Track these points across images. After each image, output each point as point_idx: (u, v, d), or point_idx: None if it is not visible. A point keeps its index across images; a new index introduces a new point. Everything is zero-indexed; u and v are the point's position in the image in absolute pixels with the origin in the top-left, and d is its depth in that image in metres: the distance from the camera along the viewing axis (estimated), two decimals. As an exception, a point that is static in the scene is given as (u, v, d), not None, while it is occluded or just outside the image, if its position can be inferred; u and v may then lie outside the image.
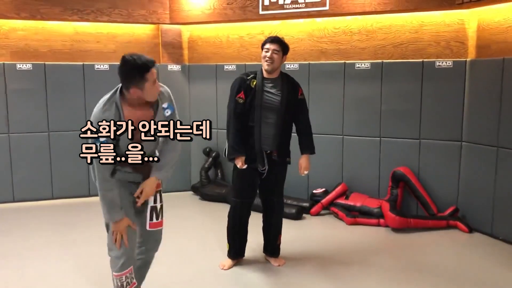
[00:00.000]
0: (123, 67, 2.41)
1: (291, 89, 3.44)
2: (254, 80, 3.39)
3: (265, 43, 3.39)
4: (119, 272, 2.61)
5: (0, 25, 5.18)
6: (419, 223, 4.40)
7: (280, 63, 3.38)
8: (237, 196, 3.54)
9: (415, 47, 4.74)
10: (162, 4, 5.51)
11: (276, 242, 3.66)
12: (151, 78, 2.39)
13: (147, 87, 2.40)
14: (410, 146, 4.76)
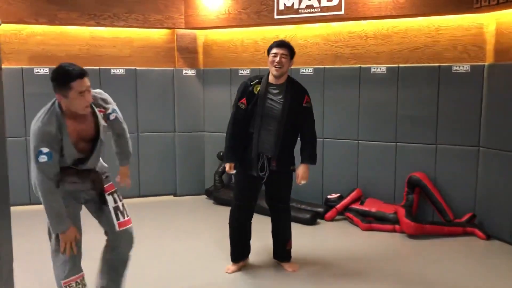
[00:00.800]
0: (53, 73, 2.42)
1: (295, 97, 3.34)
2: (257, 86, 3.34)
3: (272, 47, 3.33)
4: (68, 278, 2.58)
5: (19, 30, 5.27)
6: (435, 230, 4.33)
7: (288, 68, 3.33)
8: (236, 198, 3.54)
9: (432, 51, 4.68)
10: (178, 9, 5.54)
11: (285, 248, 3.62)
12: (77, 88, 2.37)
13: (71, 96, 2.38)
14: (426, 151, 4.70)
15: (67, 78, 2.37)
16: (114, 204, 2.69)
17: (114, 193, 2.74)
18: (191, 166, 5.91)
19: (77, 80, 2.38)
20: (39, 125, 2.43)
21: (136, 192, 5.78)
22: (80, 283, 2.62)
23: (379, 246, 4.16)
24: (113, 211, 2.68)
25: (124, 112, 5.40)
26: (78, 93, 2.38)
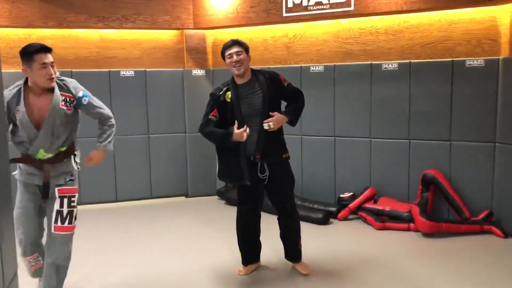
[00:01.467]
0: (22, 49, 2.74)
1: (271, 84, 3.25)
2: (228, 93, 3.22)
3: (224, 49, 3.24)
4: (23, 256, 2.97)
5: (29, 34, 5.29)
6: (451, 228, 4.24)
7: (248, 63, 3.24)
8: (239, 203, 3.48)
9: (444, 46, 4.59)
10: (186, 10, 5.52)
11: (296, 247, 3.53)
12: (39, 60, 2.67)
13: (34, 67, 2.69)
14: (440, 148, 4.61)
15: (31, 51, 2.69)
16: (58, 208, 2.81)
17: (65, 198, 2.84)
18: (202, 166, 5.88)
19: (40, 53, 2.69)
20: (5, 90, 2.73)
21: (147, 194, 5.77)
22: (34, 261, 3.01)
23: (394, 245, 4.09)
24: (55, 213, 2.81)
25: (134, 114, 5.58)
26: (40, 65, 2.68)
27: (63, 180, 2.86)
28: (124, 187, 5.64)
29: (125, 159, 5.61)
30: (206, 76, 5.79)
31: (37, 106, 2.75)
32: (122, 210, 5.37)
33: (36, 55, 2.68)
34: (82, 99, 2.88)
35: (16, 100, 2.73)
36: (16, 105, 2.73)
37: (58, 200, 2.81)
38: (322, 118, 5.16)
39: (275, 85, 3.27)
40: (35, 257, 3.00)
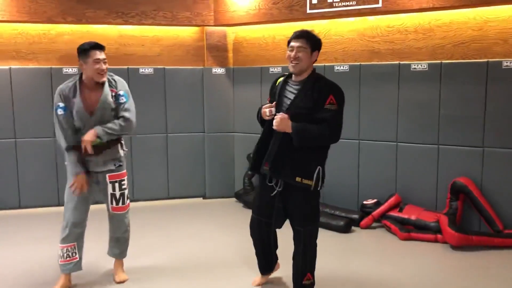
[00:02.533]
0: (79, 46, 3.12)
1: (312, 95, 2.76)
2: (281, 78, 2.96)
3: (290, 41, 2.84)
4: (61, 244, 3.21)
5: (48, 30, 5.23)
6: (483, 241, 3.97)
7: (309, 63, 2.81)
8: (253, 211, 3.14)
9: (479, 45, 4.31)
10: (207, 6, 5.37)
11: (301, 281, 2.97)
12: (93, 56, 3.05)
13: (89, 62, 3.06)
14: (472, 154, 4.33)
15: (87, 48, 3.07)
16: (112, 191, 3.27)
17: (116, 183, 3.28)
18: (220, 168, 5.73)
19: (94, 50, 3.07)
20: (59, 87, 3.15)
21: (165, 194, 5.66)
22: (70, 251, 3.21)
23: (419, 257, 3.84)
24: (109, 196, 3.28)
25: (152, 112, 5.46)
26: (94, 60, 3.06)
27: (113, 165, 3.25)
28: (141, 186, 5.53)
29: (142, 158, 5.51)
30: (226, 74, 5.63)
31: (91, 98, 3.12)
32: (138, 210, 5.26)
33: (91, 51, 3.06)
34: (120, 97, 3.21)
35: (73, 92, 3.10)
36: (72, 97, 3.09)
37: (110, 185, 3.24)
38: (346, 120, 4.76)
39: (317, 99, 2.76)
40: (72, 247, 3.21)
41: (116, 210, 3.32)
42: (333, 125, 2.78)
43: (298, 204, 2.89)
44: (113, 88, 3.20)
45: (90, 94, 3.13)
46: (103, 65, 3.10)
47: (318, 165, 2.84)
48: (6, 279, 3.43)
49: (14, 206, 5.23)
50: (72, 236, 3.20)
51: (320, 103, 2.76)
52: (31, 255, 3.90)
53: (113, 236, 3.41)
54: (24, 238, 4.32)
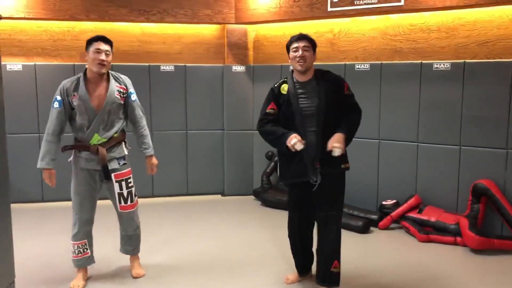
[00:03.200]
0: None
1: (330, 88, 2.97)
2: (284, 85, 3.03)
3: (291, 42, 3.01)
4: (72, 241, 3.25)
5: (72, 27, 5.32)
6: (504, 245, 3.88)
7: (312, 61, 3.00)
8: (290, 210, 3.25)
9: (504, 45, 4.20)
10: (228, 4, 5.38)
11: (329, 268, 3.02)
12: (95, 45, 3.05)
13: (90, 52, 3.06)
14: (495, 156, 4.23)
15: (91, 39, 3.10)
16: (119, 190, 3.24)
17: (122, 181, 3.24)
18: (239, 165, 5.74)
19: (98, 41, 3.07)
20: (63, 81, 3.15)
21: (184, 190, 5.71)
22: (82, 247, 3.26)
23: (438, 260, 3.78)
24: (117, 195, 3.25)
25: (173, 109, 5.52)
26: (95, 50, 3.04)
27: (117, 164, 3.22)
28: (161, 182, 5.59)
29: (162, 154, 5.51)
30: (246, 72, 5.63)
31: (96, 93, 3.10)
32: (157, 205, 5.33)
33: (94, 42, 3.06)
34: (132, 95, 3.26)
35: (74, 87, 3.08)
36: (74, 91, 3.07)
37: (116, 184, 3.22)
38: (366, 119, 4.75)
39: (335, 89, 2.99)
40: (83, 244, 3.26)
41: (125, 209, 3.30)
42: (358, 109, 3.09)
43: (334, 190, 3.04)
44: (121, 85, 3.22)
45: (95, 88, 3.12)
46: (104, 56, 3.05)
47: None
48: (28, 271, 3.52)
49: (38, 199, 5.35)
50: (81, 233, 3.24)
51: (340, 92, 3.01)
52: (53, 247, 3.98)
53: (125, 235, 3.41)
54: (46, 231, 4.42)
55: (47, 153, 3.13)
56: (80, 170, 3.20)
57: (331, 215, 3.02)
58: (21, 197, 5.25)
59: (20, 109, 5.20)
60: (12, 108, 5.24)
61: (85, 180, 3.21)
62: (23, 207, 5.15)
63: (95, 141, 3.14)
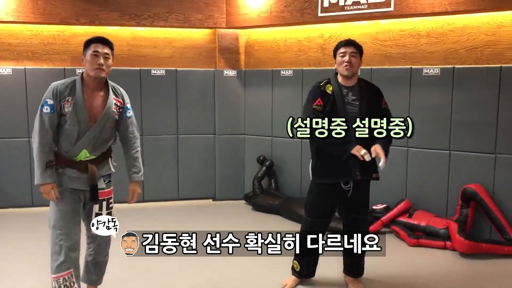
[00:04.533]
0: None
1: (372, 98, 3.08)
2: (329, 85, 3.07)
3: (339, 47, 3.08)
4: (56, 274, 2.68)
5: (62, 31, 5.30)
6: (493, 249, 3.91)
7: (358, 67, 3.08)
8: (310, 214, 3.22)
9: (492, 50, 4.24)
10: (219, 8, 5.39)
11: (361, 262, 3.34)
12: (93, 47, 2.64)
13: (87, 55, 2.66)
14: (483, 161, 4.27)
15: (89, 40, 2.70)
16: (97, 211, 2.79)
17: (104, 201, 2.81)
18: (231, 169, 5.74)
19: (96, 43, 2.66)
20: (54, 83, 2.70)
21: (175, 195, 5.69)
22: (68, 280, 2.69)
23: (428, 264, 3.80)
24: (94, 217, 2.77)
25: (164, 113, 5.51)
26: (93, 52, 2.64)
27: (103, 183, 2.82)
28: (151, 187, 5.56)
29: (153, 159, 5.54)
30: (237, 77, 5.64)
31: (93, 103, 2.71)
32: (148, 210, 5.31)
33: (92, 44, 2.67)
34: (127, 110, 2.87)
35: (69, 90, 2.66)
36: (68, 95, 2.65)
37: (96, 206, 2.78)
38: None
39: (376, 100, 3.10)
40: (69, 276, 2.70)
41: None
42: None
43: (365, 196, 3.25)
44: (118, 99, 2.81)
45: (92, 96, 2.71)
46: (102, 59, 2.64)
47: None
48: (19, 275, 3.48)
49: (27, 204, 5.30)
50: (68, 262, 2.69)
51: (379, 103, 3.12)
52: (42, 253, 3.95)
53: (92, 261, 2.94)
54: (35, 235, 4.38)
55: (46, 167, 2.67)
56: (64, 189, 2.73)
57: (364, 219, 3.27)
58: (10, 201, 5.20)
59: (9, 113, 5.17)
60: (1, 112, 5.22)
61: (71, 199, 2.74)
62: (13, 212, 5.10)
63: (82, 157, 2.71)
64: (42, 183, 2.65)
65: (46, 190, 2.67)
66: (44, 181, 2.64)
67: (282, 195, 5.23)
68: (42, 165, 2.64)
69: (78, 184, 2.74)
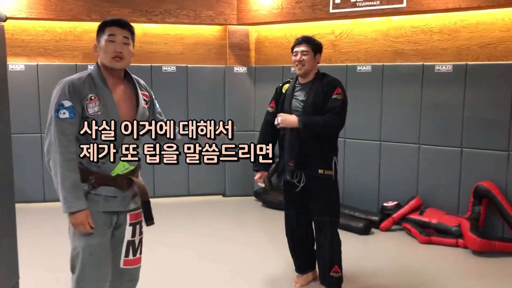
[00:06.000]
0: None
1: (321, 92, 2.99)
2: (286, 85, 3.18)
3: (293, 47, 3.11)
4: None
5: (74, 27, 5.33)
6: (506, 247, 3.88)
7: (312, 65, 3.04)
8: (286, 207, 3.30)
9: (506, 47, 4.20)
10: (230, 5, 5.38)
11: (328, 272, 3.05)
12: (109, 32, 2.08)
13: (101, 41, 2.10)
14: (496, 158, 4.23)
15: (104, 23, 2.13)
16: (130, 237, 2.22)
17: (137, 225, 2.24)
18: (240, 166, 5.72)
19: (112, 25, 2.10)
20: (64, 79, 2.08)
21: (185, 191, 5.71)
22: None
23: (439, 262, 3.78)
24: (125, 245, 2.21)
25: (174, 110, 5.51)
26: (108, 37, 2.08)
27: (134, 203, 2.22)
28: (162, 183, 5.58)
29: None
30: (248, 73, 5.64)
31: (121, 99, 2.15)
32: (159, 206, 5.28)
33: (107, 27, 2.10)
34: (156, 102, 2.37)
35: (90, 87, 2.07)
36: (89, 92, 2.06)
37: (129, 229, 2.20)
38: (368, 121, 4.88)
39: (326, 92, 3.00)
40: None
41: (131, 264, 2.26)
42: (341, 113, 2.98)
43: (321, 196, 3.03)
44: (144, 92, 2.28)
45: (116, 91, 2.14)
46: (120, 45, 2.08)
47: (333, 155, 3.05)
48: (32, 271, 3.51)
49: (39, 199, 5.35)
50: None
51: (328, 95, 2.99)
52: (55, 248, 3.98)
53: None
54: (48, 232, 4.42)
55: (77, 187, 2.03)
56: (96, 215, 2.10)
57: (323, 220, 3.06)
58: (22, 197, 5.24)
59: (22, 109, 5.20)
60: (14, 108, 5.24)
61: (103, 228, 2.13)
62: (25, 207, 5.15)
63: (120, 170, 2.13)
64: (75, 210, 2.01)
65: (81, 219, 2.04)
66: (78, 208, 2.02)
67: (292, 191, 5.23)
68: (71, 187, 2.01)
69: (115, 205, 2.15)
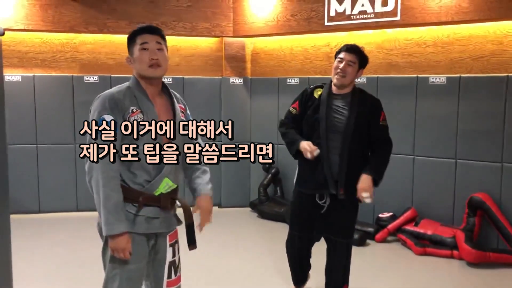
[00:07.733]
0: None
1: (365, 110, 2.77)
2: (319, 89, 2.85)
3: (341, 51, 2.81)
4: None
5: (71, 39, 5.36)
6: (500, 258, 3.89)
7: (353, 78, 2.78)
8: (292, 227, 3.07)
9: (499, 60, 4.26)
10: (226, 17, 5.43)
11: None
12: (141, 40, 2.01)
13: (135, 52, 2.03)
14: (490, 170, 4.26)
15: (134, 33, 2.05)
16: (171, 258, 2.14)
17: (176, 244, 2.17)
18: (236, 177, 5.76)
19: (143, 33, 2.02)
20: (103, 93, 2.01)
21: (181, 202, 5.70)
22: None
23: (434, 273, 3.79)
24: (167, 267, 2.12)
25: (170, 121, 5.49)
26: (140, 46, 2.01)
27: (174, 223, 2.17)
28: (158, 194, 5.58)
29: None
30: (244, 85, 5.68)
31: (162, 113, 2.08)
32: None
33: (138, 37, 2.03)
34: (188, 113, 2.28)
35: (129, 99, 1.99)
36: (130, 105, 1.97)
37: (170, 250, 2.13)
38: None
39: (370, 114, 2.79)
40: None
41: (173, 285, 2.18)
42: (389, 144, 2.88)
43: (345, 218, 2.91)
44: (180, 104, 2.23)
45: (156, 104, 2.07)
46: (155, 52, 2.00)
47: None
48: (26, 283, 3.50)
49: (34, 210, 5.33)
50: None
51: (374, 119, 2.80)
52: (50, 259, 3.97)
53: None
54: (43, 242, 4.41)
55: (119, 208, 1.93)
56: (136, 237, 2.01)
57: (340, 242, 2.94)
58: (17, 207, 5.22)
59: (18, 120, 5.20)
60: (10, 118, 5.25)
61: (143, 251, 2.05)
62: (20, 218, 5.13)
63: (163, 189, 2.04)
64: (117, 232, 1.90)
65: (121, 245, 1.93)
66: (120, 230, 1.91)
67: (287, 202, 5.23)
68: (113, 208, 1.90)
69: (157, 227, 2.06)
